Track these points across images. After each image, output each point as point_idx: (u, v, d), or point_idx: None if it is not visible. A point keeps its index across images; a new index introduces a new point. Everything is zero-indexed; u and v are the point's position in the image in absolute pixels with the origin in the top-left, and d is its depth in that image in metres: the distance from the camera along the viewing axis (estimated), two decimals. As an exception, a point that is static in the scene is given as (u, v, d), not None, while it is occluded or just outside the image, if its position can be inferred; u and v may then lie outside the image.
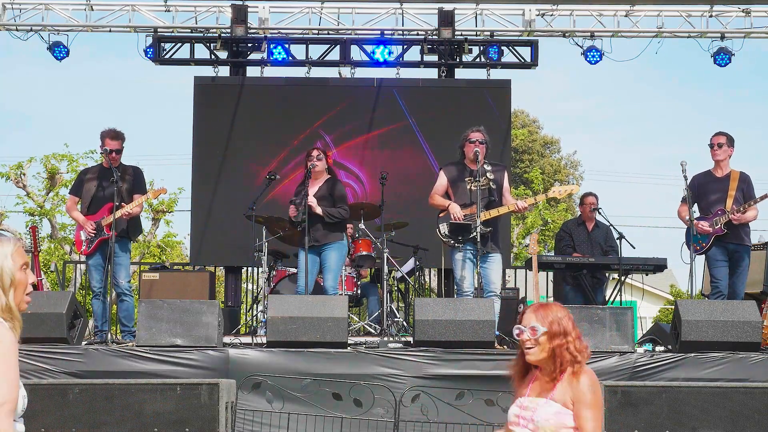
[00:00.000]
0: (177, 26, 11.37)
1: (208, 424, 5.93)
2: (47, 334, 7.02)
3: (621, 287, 9.17)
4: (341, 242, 8.24)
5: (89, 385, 6.11)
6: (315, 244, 8.04)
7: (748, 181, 8.23)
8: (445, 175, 7.94)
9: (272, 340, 7.15)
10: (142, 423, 5.96)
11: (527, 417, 3.73)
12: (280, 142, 11.23)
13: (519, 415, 3.77)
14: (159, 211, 18.89)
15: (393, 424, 6.58)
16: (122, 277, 8.00)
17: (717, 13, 11.21)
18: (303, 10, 11.40)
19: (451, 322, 7.11)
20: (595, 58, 11.31)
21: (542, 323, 3.74)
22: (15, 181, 18.31)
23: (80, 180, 8.40)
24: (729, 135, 8.24)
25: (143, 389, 6.04)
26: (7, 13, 11.19)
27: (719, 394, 6.15)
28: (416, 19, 11.39)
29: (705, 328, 7.11)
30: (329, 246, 8.13)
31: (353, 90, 11.49)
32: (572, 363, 3.72)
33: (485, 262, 7.67)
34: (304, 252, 7.91)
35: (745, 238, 8.21)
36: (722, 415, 6.05)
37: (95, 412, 5.98)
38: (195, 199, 11.36)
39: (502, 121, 11.27)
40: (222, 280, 13.88)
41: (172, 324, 7.12)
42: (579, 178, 34.00)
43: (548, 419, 3.68)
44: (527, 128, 31.98)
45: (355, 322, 9.49)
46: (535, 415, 3.70)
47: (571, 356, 3.72)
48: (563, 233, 9.84)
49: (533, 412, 3.72)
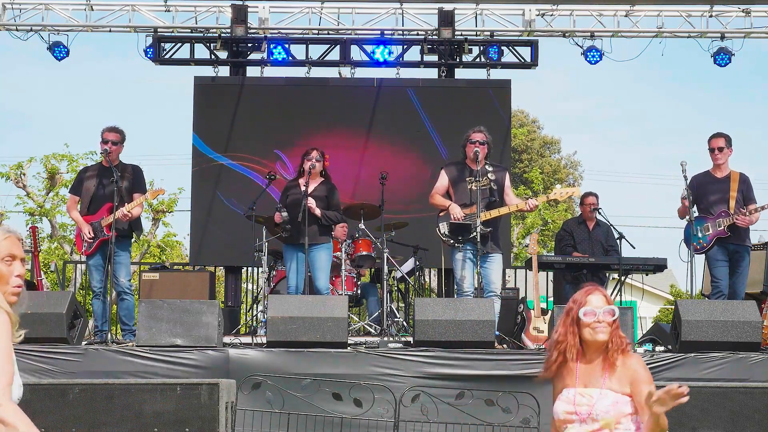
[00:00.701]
0: (177, 26, 11.37)
1: (208, 424, 5.93)
2: (47, 334, 7.02)
3: (621, 287, 9.17)
4: (329, 244, 8.31)
5: (89, 385, 6.10)
6: (303, 243, 7.99)
7: (747, 182, 8.26)
8: (446, 174, 7.94)
9: (272, 340, 7.15)
10: (142, 423, 5.96)
11: (583, 411, 3.65)
12: (280, 142, 11.23)
13: (571, 411, 3.68)
14: (159, 211, 18.89)
15: (393, 424, 6.58)
16: (122, 275, 8.00)
17: (717, 13, 11.21)
18: (303, 10, 11.40)
19: (451, 322, 7.11)
20: (595, 58, 11.30)
21: (613, 305, 3.76)
22: (15, 181, 18.32)
23: (80, 179, 8.40)
24: (727, 136, 8.25)
25: (143, 389, 6.04)
26: (7, 13, 11.19)
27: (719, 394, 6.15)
28: (416, 19, 11.39)
29: (705, 328, 7.11)
30: (318, 246, 8.10)
31: (353, 90, 11.48)
32: (625, 345, 3.73)
33: (485, 262, 7.68)
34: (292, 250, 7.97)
35: (746, 238, 8.23)
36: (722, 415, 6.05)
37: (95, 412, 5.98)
38: (195, 199, 11.35)
39: (502, 121, 11.27)
40: (222, 280, 13.88)
41: (172, 324, 7.12)
42: (579, 178, 34.01)
43: (608, 410, 3.62)
44: (526, 127, 31.96)
45: (355, 322, 9.48)
46: (593, 409, 3.63)
47: (623, 339, 3.74)
48: (564, 232, 9.84)
49: (589, 406, 3.64)
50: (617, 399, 3.64)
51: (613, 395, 3.64)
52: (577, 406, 3.66)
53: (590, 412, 3.63)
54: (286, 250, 8.23)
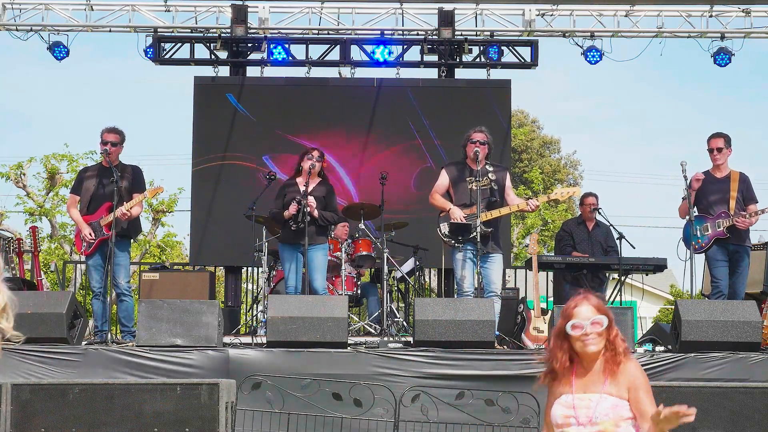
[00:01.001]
0: (177, 26, 11.37)
1: (208, 424, 5.93)
2: (47, 334, 7.02)
3: (621, 287, 9.17)
4: (326, 245, 8.30)
5: (89, 385, 6.11)
6: (301, 243, 7.97)
7: (747, 182, 8.27)
8: (447, 174, 7.94)
9: (272, 340, 7.15)
10: (142, 423, 5.97)
11: (582, 415, 3.66)
12: (280, 141, 11.22)
13: (570, 415, 3.68)
14: (159, 211, 18.89)
15: (393, 424, 6.58)
16: (122, 277, 8.00)
17: (717, 13, 11.21)
18: (303, 10, 11.40)
19: (451, 322, 7.11)
20: (595, 58, 11.30)
21: (603, 313, 3.70)
22: (15, 181, 18.32)
23: (80, 178, 8.40)
24: (726, 136, 8.25)
25: (143, 389, 6.05)
26: (7, 13, 11.19)
27: (719, 394, 6.16)
28: (416, 19, 11.39)
29: (705, 328, 7.11)
30: (315, 247, 8.05)
31: (353, 90, 11.48)
32: (624, 350, 3.70)
33: (485, 262, 7.68)
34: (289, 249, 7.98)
35: (746, 239, 8.23)
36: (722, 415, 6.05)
37: (95, 412, 5.99)
38: (195, 199, 11.35)
39: (503, 121, 11.27)
40: (222, 280, 13.88)
41: (172, 324, 7.12)
42: (579, 178, 34.00)
43: (607, 414, 3.62)
44: (526, 127, 31.96)
45: (355, 322, 9.48)
46: (592, 412, 3.64)
47: (623, 344, 3.71)
48: (564, 233, 9.84)
49: (589, 410, 3.65)
50: (616, 403, 3.64)
51: (612, 399, 3.65)
52: (577, 410, 3.67)
53: (590, 417, 3.64)
54: (283, 249, 8.17)
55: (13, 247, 9.93)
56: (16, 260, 9.91)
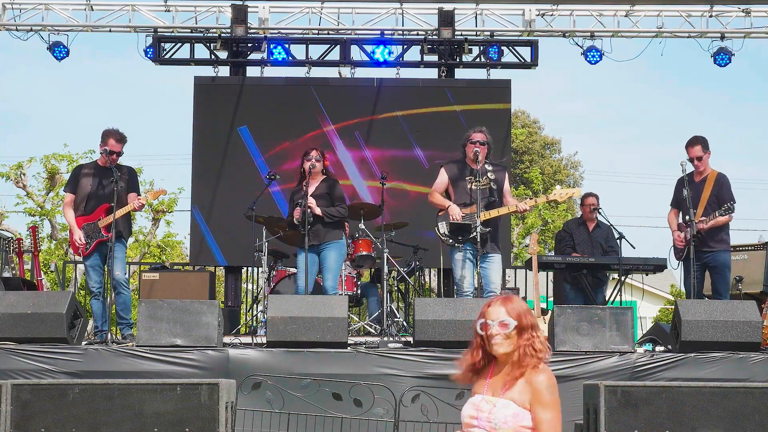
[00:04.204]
0: (177, 26, 11.38)
1: (208, 424, 5.92)
2: (47, 334, 7.02)
3: (621, 287, 9.17)
4: (340, 241, 8.25)
5: (89, 385, 6.10)
6: (314, 244, 8.03)
7: (723, 182, 8.22)
8: (446, 172, 7.94)
9: (272, 340, 7.14)
10: (142, 423, 5.96)
11: (483, 418, 3.60)
12: (279, 142, 11.22)
13: (474, 416, 3.64)
14: (159, 211, 18.89)
15: (393, 424, 6.58)
16: (118, 268, 7.95)
17: (717, 13, 11.22)
18: (303, 10, 11.41)
19: (451, 322, 7.11)
20: (595, 58, 11.31)
21: (513, 317, 3.61)
22: (15, 181, 18.33)
23: (75, 176, 8.29)
24: (702, 140, 8.25)
25: (143, 389, 6.04)
26: (7, 13, 11.21)
27: (719, 394, 6.14)
28: (416, 19, 11.40)
29: (705, 328, 7.11)
30: (328, 245, 8.13)
31: (353, 90, 11.48)
32: (536, 360, 3.59)
33: (485, 262, 7.68)
34: (304, 252, 7.90)
35: (719, 241, 8.16)
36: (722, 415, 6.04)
37: (95, 412, 5.98)
38: (195, 199, 11.36)
39: (502, 121, 11.26)
40: (222, 280, 13.89)
41: (172, 324, 7.12)
42: (579, 178, 34.01)
43: (506, 421, 3.55)
44: (527, 128, 31.97)
45: (355, 322, 9.49)
46: (492, 417, 3.57)
47: (535, 353, 3.59)
48: (564, 233, 9.84)
49: (490, 413, 3.58)
50: (517, 411, 3.55)
51: (514, 407, 3.56)
52: (480, 411, 3.62)
53: (489, 419, 3.57)
54: (299, 253, 8.13)
55: (13, 247, 9.93)
56: (16, 260, 9.91)
